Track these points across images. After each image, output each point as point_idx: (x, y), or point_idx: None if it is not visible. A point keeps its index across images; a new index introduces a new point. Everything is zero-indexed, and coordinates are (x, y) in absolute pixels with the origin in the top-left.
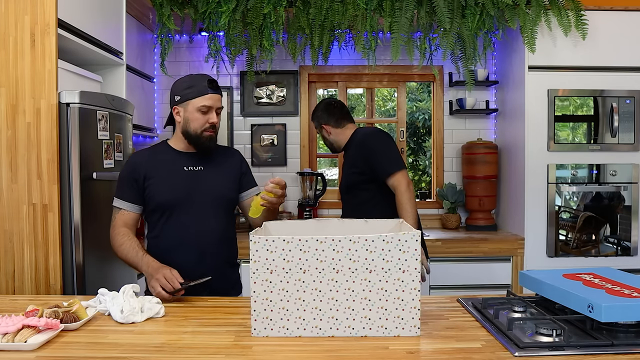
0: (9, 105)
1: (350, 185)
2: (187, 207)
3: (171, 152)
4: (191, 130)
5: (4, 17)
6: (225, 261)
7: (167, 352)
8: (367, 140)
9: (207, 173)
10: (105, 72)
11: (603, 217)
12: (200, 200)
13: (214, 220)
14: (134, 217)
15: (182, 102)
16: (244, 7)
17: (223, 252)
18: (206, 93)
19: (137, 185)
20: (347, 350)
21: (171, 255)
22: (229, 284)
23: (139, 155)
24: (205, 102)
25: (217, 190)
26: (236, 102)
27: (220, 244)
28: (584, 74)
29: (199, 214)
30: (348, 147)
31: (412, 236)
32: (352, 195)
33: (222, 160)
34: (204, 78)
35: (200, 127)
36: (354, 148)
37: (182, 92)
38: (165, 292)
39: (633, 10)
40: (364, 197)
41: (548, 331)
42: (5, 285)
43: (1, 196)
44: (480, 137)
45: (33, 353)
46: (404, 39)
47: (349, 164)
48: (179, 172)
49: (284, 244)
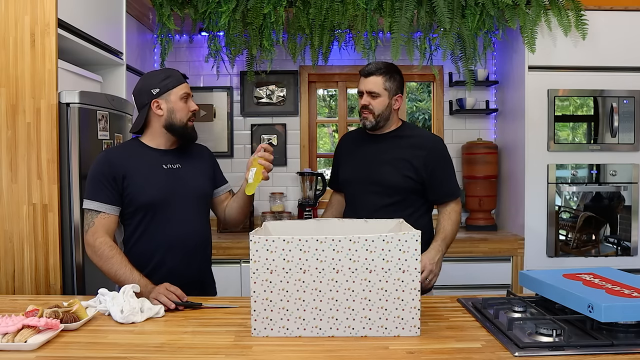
0: (9, 105)
1: (396, 189)
2: (170, 206)
3: (147, 149)
4: (177, 121)
5: (4, 17)
6: (208, 259)
7: (167, 352)
8: (442, 149)
9: (186, 171)
10: (105, 72)
11: (603, 217)
12: (182, 198)
13: (197, 219)
14: (114, 220)
15: (162, 93)
16: (244, 7)
17: (207, 250)
18: (184, 81)
19: (116, 184)
20: (347, 350)
21: (157, 257)
22: (212, 281)
23: (113, 152)
24: (186, 89)
25: (198, 188)
26: (236, 102)
27: (203, 242)
28: (584, 74)
29: (182, 213)
30: (398, 138)
31: (412, 236)
32: (391, 199)
33: (195, 156)
34: (172, 69)
35: (186, 116)
36: (416, 149)
37: (159, 84)
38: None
39: (633, 10)
40: (408, 208)
41: (548, 331)
42: (5, 285)
43: (1, 196)
44: (480, 137)
45: (33, 353)
46: (404, 39)
47: (403, 162)
48: (159, 170)
49: (284, 244)
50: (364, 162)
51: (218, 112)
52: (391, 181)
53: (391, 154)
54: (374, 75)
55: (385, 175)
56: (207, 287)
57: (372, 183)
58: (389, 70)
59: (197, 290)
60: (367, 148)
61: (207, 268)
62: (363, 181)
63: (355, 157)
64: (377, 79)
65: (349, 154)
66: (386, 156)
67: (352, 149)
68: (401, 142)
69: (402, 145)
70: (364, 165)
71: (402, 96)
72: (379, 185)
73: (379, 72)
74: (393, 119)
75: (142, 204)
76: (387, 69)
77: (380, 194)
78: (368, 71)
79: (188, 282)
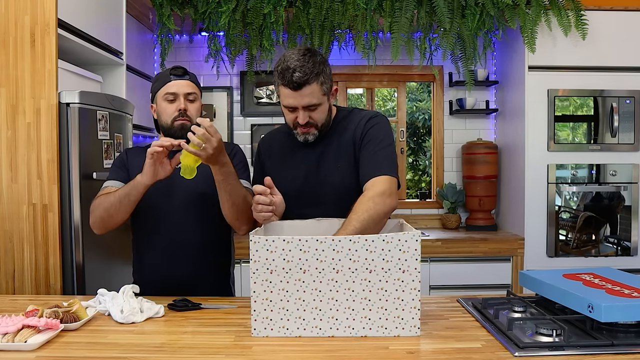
0: (9, 105)
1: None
2: (166, 208)
3: None
4: (163, 123)
5: (4, 17)
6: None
7: (167, 352)
8: (373, 124)
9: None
10: (105, 72)
11: (603, 217)
12: (179, 200)
13: (195, 221)
14: None
15: (153, 98)
16: (244, 7)
17: (205, 254)
18: (168, 81)
19: (128, 172)
20: (347, 350)
21: (148, 257)
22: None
23: (132, 148)
24: (168, 89)
25: (196, 189)
26: (236, 102)
27: (200, 245)
28: (584, 74)
29: (178, 215)
30: (337, 131)
31: (412, 236)
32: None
33: None
34: (169, 69)
35: (170, 117)
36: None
37: (152, 89)
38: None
39: (633, 10)
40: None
41: (548, 331)
42: (5, 285)
43: (1, 196)
44: (480, 137)
45: (33, 353)
46: (404, 39)
47: (345, 154)
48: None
49: (284, 244)
50: (297, 169)
51: (218, 112)
52: (338, 186)
53: (330, 155)
54: (307, 84)
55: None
56: (201, 294)
57: (313, 195)
58: (318, 69)
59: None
60: (298, 151)
61: (204, 273)
62: (304, 194)
63: (286, 164)
64: (313, 88)
65: (278, 160)
66: (325, 158)
67: (279, 154)
68: (335, 134)
69: (338, 140)
70: (300, 173)
71: (335, 87)
72: (323, 196)
73: (312, 77)
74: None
75: (144, 203)
76: (315, 67)
77: (327, 204)
78: (298, 82)
79: (177, 286)
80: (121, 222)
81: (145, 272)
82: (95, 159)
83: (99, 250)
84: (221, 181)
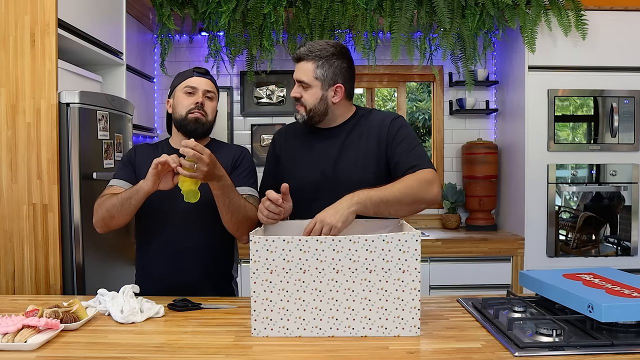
0: (9, 105)
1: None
2: (167, 210)
3: (166, 150)
4: (177, 115)
5: (4, 17)
6: (208, 269)
7: (167, 352)
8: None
9: None
10: (105, 72)
11: (603, 217)
12: (182, 203)
13: (198, 225)
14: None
15: (171, 93)
16: (244, 7)
17: (207, 259)
18: (191, 76)
19: (134, 171)
20: (347, 350)
21: (148, 260)
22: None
23: (141, 145)
24: (189, 83)
25: (204, 192)
26: (236, 102)
27: (204, 250)
28: (584, 74)
29: (180, 218)
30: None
31: (412, 236)
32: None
33: (219, 156)
34: (192, 68)
35: (185, 109)
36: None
37: (172, 85)
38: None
39: (633, 10)
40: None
41: (548, 331)
42: (5, 285)
43: (1, 196)
44: (480, 137)
45: (33, 353)
46: (404, 39)
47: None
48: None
49: (284, 244)
50: (315, 164)
51: (218, 112)
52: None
53: (349, 151)
54: (303, 60)
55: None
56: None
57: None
58: (324, 54)
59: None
60: (316, 145)
61: (207, 276)
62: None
63: (302, 158)
64: (307, 66)
65: (295, 154)
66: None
67: (296, 147)
68: (355, 131)
69: (359, 137)
70: (316, 167)
71: (341, 86)
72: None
73: (310, 57)
74: (335, 113)
75: (148, 203)
76: (323, 52)
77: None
78: (297, 55)
79: (180, 290)
80: (124, 223)
81: (148, 275)
82: (95, 159)
83: (99, 250)
84: (219, 195)
